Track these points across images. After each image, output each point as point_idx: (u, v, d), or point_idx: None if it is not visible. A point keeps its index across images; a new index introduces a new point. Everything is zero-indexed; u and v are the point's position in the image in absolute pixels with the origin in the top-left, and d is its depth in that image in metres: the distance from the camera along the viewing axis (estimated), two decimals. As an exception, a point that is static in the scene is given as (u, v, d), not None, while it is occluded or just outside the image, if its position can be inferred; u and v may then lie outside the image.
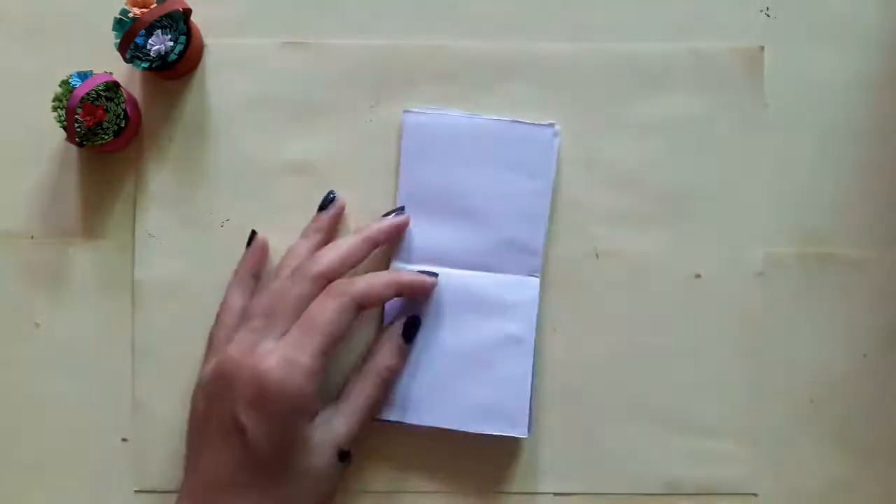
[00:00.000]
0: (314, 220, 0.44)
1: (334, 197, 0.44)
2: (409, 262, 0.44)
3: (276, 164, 0.45)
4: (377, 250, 0.43)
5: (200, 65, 0.46)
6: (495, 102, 0.45)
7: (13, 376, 0.45)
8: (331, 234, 0.44)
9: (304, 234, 0.44)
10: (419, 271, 0.43)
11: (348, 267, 0.41)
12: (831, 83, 0.45)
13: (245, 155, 0.45)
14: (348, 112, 0.45)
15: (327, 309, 0.38)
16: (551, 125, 0.44)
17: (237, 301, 0.42)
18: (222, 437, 0.37)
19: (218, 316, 0.43)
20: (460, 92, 0.45)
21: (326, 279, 0.40)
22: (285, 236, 0.44)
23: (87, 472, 0.44)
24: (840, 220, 0.45)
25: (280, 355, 0.37)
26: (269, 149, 0.45)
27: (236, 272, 0.44)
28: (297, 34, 0.46)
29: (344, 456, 0.40)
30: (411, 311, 0.43)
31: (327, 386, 0.42)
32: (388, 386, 0.42)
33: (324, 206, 0.44)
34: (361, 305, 0.39)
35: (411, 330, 0.42)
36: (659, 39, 0.45)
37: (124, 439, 0.44)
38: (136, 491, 0.44)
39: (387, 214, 0.44)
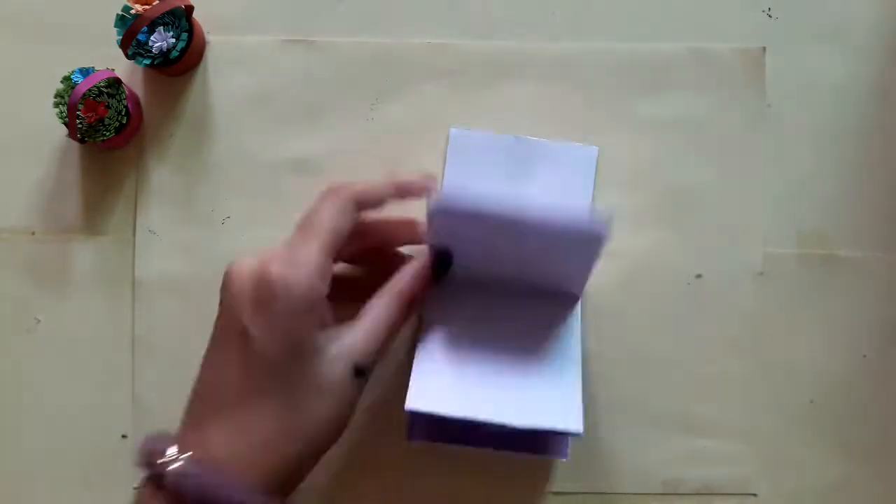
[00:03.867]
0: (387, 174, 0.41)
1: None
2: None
3: (277, 162, 0.45)
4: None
5: (202, 62, 0.46)
6: (495, 102, 0.45)
7: (13, 372, 0.45)
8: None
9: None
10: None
11: (375, 200, 0.39)
12: (833, 83, 0.45)
13: (246, 152, 0.45)
14: (349, 110, 0.45)
15: (325, 208, 0.38)
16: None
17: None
18: (227, 346, 0.36)
19: None
20: (460, 91, 0.45)
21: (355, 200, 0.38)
22: (285, 234, 0.44)
23: (86, 469, 0.44)
24: (840, 220, 0.45)
25: (280, 254, 0.36)
26: (270, 146, 0.45)
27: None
28: (298, 32, 0.46)
29: (360, 372, 0.37)
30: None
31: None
32: (408, 310, 0.39)
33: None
34: (360, 203, 0.38)
35: (442, 267, 0.40)
36: (660, 39, 0.45)
37: (124, 436, 0.44)
38: (135, 488, 0.44)
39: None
